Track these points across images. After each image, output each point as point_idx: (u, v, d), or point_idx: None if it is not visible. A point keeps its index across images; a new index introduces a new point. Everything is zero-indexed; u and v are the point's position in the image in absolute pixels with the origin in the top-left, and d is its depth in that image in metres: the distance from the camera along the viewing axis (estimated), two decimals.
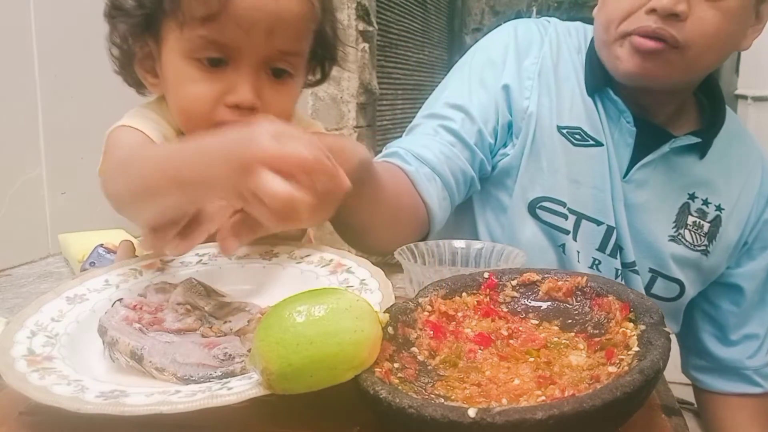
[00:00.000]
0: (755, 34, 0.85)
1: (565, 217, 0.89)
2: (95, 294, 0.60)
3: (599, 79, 0.89)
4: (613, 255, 0.90)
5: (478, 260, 0.71)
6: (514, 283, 0.56)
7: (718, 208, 0.92)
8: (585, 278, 0.53)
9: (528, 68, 0.92)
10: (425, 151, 0.84)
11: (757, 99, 2.76)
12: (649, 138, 0.88)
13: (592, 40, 0.93)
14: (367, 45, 2.55)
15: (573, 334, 0.50)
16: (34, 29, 1.28)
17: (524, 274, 0.56)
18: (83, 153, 1.29)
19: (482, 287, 0.55)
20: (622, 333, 0.47)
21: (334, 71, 0.84)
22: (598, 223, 0.89)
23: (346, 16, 2.47)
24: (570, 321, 0.52)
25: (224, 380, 0.47)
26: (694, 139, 0.88)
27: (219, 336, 0.53)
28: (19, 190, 1.28)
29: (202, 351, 0.51)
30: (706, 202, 0.92)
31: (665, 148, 0.88)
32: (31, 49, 1.28)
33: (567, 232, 0.90)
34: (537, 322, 0.53)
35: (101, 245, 0.91)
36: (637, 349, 0.43)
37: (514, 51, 0.93)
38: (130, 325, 0.53)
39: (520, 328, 0.52)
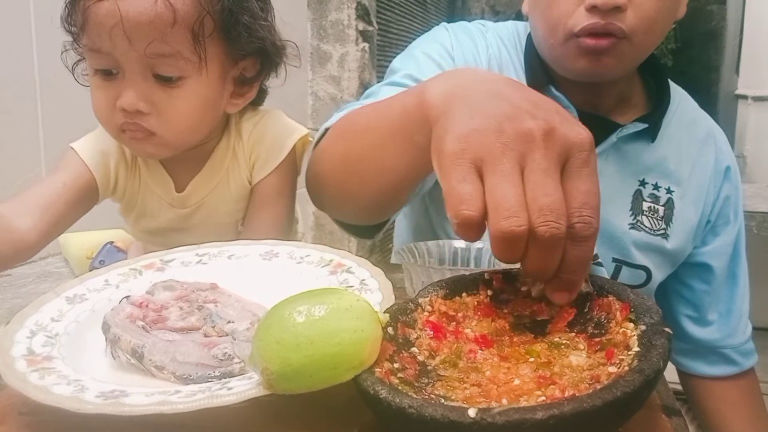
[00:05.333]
0: None
1: None
2: (95, 294, 0.61)
3: (540, 78, 0.88)
4: None
5: (478, 260, 0.71)
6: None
7: (669, 190, 0.92)
8: (586, 279, 0.53)
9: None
10: None
11: (757, 99, 2.76)
12: (596, 130, 0.87)
13: (527, 39, 0.92)
14: (367, 45, 2.55)
15: (573, 334, 0.50)
16: (34, 29, 1.28)
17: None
18: None
19: (482, 288, 0.55)
20: (622, 333, 0.47)
21: (335, 71, 0.86)
22: None
23: (346, 16, 2.47)
24: (570, 321, 0.52)
25: (224, 380, 0.47)
26: (641, 126, 0.88)
27: (221, 336, 0.53)
28: (18, 190, 1.28)
29: (202, 350, 0.51)
30: (656, 186, 0.91)
31: (612, 138, 0.87)
32: (31, 49, 1.28)
33: None
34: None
35: (111, 243, 0.91)
36: (637, 349, 0.43)
37: (459, 49, 0.91)
38: (133, 322, 0.53)
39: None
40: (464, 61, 0.90)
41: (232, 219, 0.90)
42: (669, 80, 0.95)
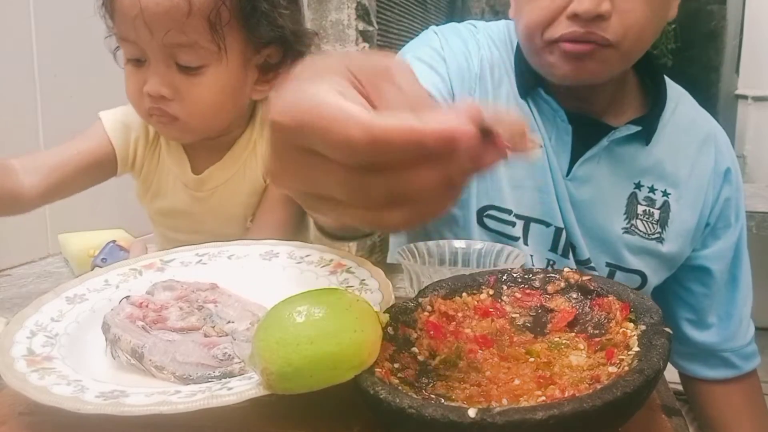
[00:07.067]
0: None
1: (513, 225, 0.88)
2: (95, 294, 0.61)
3: (530, 81, 0.87)
4: (565, 255, 0.89)
5: (478, 260, 0.71)
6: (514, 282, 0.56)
7: (665, 193, 0.90)
8: (586, 278, 0.53)
9: (469, 71, 0.90)
10: None
11: (757, 99, 2.75)
12: (588, 133, 0.87)
13: (518, 42, 0.90)
14: (367, 45, 2.55)
15: (573, 334, 0.50)
16: (34, 29, 1.28)
17: (525, 274, 0.56)
18: None
19: (482, 288, 0.55)
20: (622, 333, 0.47)
21: None
22: (547, 224, 0.88)
23: (346, 16, 2.47)
24: (570, 321, 0.52)
25: (224, 380, 0.47)
26: (634, 129, 0.86)
27: (221, 336, 0.53)
28: None
29: (202, 350, 0.51)
30: (652, 189, 0.90)
31: (604, 142, 0.86)
32: (31, 49, 1.29)
33: (516, 239, 0.88)
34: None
35: (114, 241, 0.91)
36: (637, 349, 0.43)
37: (450, 51, 0.90)
38: (133, 322, 0.53)
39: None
40: (456, 62, 0.90)
41: (244, 212, 0.92)
42: (667, 79, 0.93)
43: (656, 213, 0.90)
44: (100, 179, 0.89)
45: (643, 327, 0.45)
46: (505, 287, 0.55)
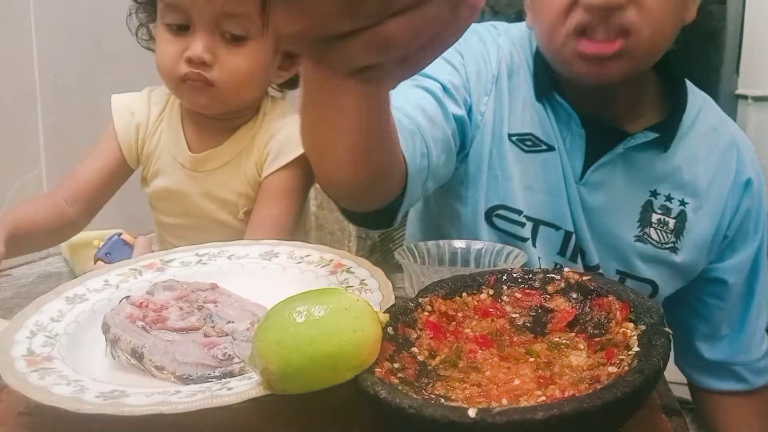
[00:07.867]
0: (697, 2, 0.82)
1: (522, 225, 0.88)
2: (95, 294, 0.61)
3: (545, 84, 0.87)
4: (573, 259, 0.88)
5: (478, 260, 0.71)
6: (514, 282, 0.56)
7: (682, 202, 0.88)
8: (586, 278, 0.53)
9: (486, 71, 0.89)
10: (398, 99, 0.76)
11: (757, 99, 2.75)
12: (603, 138, 0.85)
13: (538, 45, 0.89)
14: None
15: (573, 334, 0.50)
16: (34, 29, 1.28)
17: (525, 274, 0.56)
18: (82, 153, 1.29)
19: (483, 287, 0.55)
20: (622, 333, 0.47)
21: None
22: (557, 228, 0.88)
23: None
24: (570, 321, 0.52)
25: (224, 380, 0.47)
26: (652, 135, 0.85)
27: (221, 336, 0.53)
28: (18, 190, 1.28)
29: (202, 350, 0.51)
30: (669, 198, 0.88)
31: (619, 148, 0.85)
32: (31, 49, 1.29)
33: (525, 240, 0.88)
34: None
35: (119, 234, 0.90)
36: (637, 349, 0.43)
37: (468, 48, 0.90)
38: (133, 323, 0.53)
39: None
40: (473, 60, 0.89)
41: (237, 200, 0.94)
42: (691, 85, 0.91)
43: (671, 222, 0.88)
44: (125, 178, 0.98)
45: (643, 327, 0.45)
46: (505, 287, 0.55)
